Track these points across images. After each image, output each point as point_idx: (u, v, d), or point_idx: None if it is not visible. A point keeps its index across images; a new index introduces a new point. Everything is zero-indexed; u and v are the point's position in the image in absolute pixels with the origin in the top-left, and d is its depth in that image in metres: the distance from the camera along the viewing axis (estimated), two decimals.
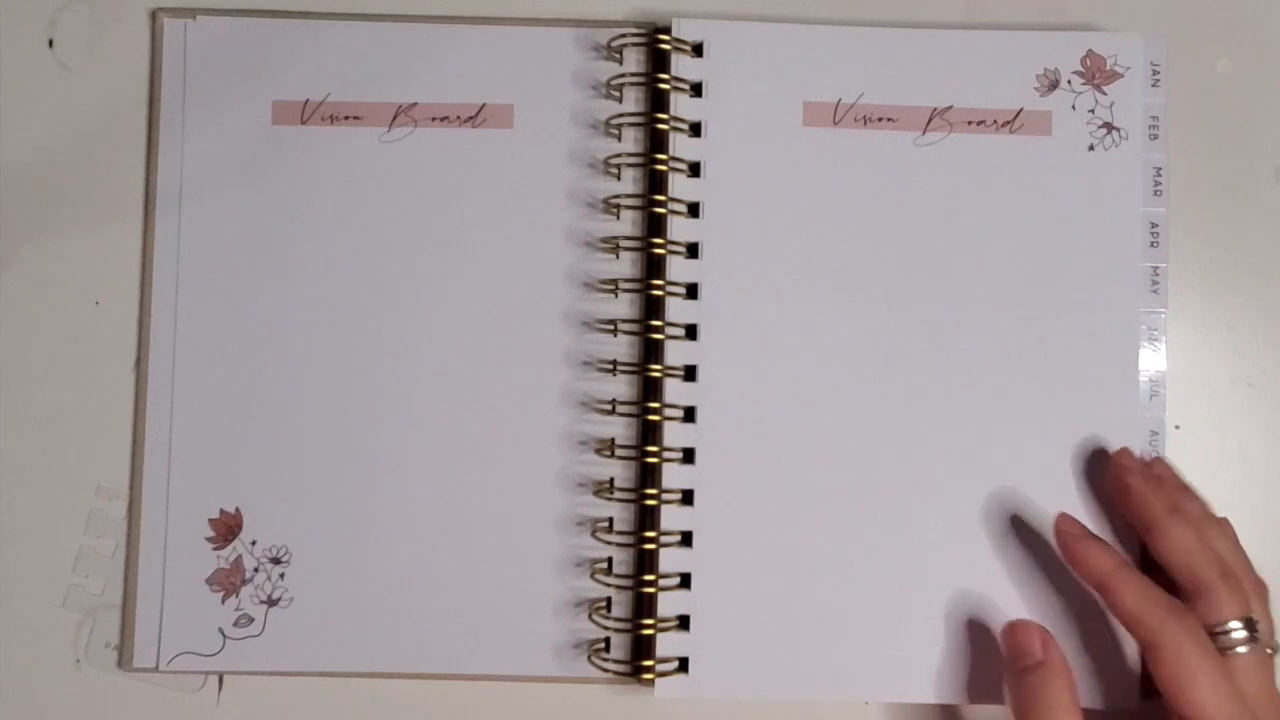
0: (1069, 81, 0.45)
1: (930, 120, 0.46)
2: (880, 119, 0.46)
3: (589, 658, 0.44)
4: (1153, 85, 0.46)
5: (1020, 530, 0.45)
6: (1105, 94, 0.45)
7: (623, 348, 0.46)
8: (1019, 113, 0.46)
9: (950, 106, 0.46)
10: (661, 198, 0.45)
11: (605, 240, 0.46)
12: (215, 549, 0.45)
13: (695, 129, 0.46)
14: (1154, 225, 0.46)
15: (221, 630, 0.45)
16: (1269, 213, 0.47)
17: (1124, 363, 0.45)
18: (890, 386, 0.45)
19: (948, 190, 0.46)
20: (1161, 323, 0.46)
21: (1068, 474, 0.45)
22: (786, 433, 0.45)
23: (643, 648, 0.44)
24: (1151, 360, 0.45)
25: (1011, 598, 0.44)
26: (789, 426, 0.45)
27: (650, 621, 0.44)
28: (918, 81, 0.46)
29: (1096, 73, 0.44)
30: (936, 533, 0.45)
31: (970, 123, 0.46)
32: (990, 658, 0.44)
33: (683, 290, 0.45)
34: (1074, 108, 0.46)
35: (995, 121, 0.46)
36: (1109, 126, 0.46)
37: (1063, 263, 0.45)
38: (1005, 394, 0.45)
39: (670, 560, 0.44)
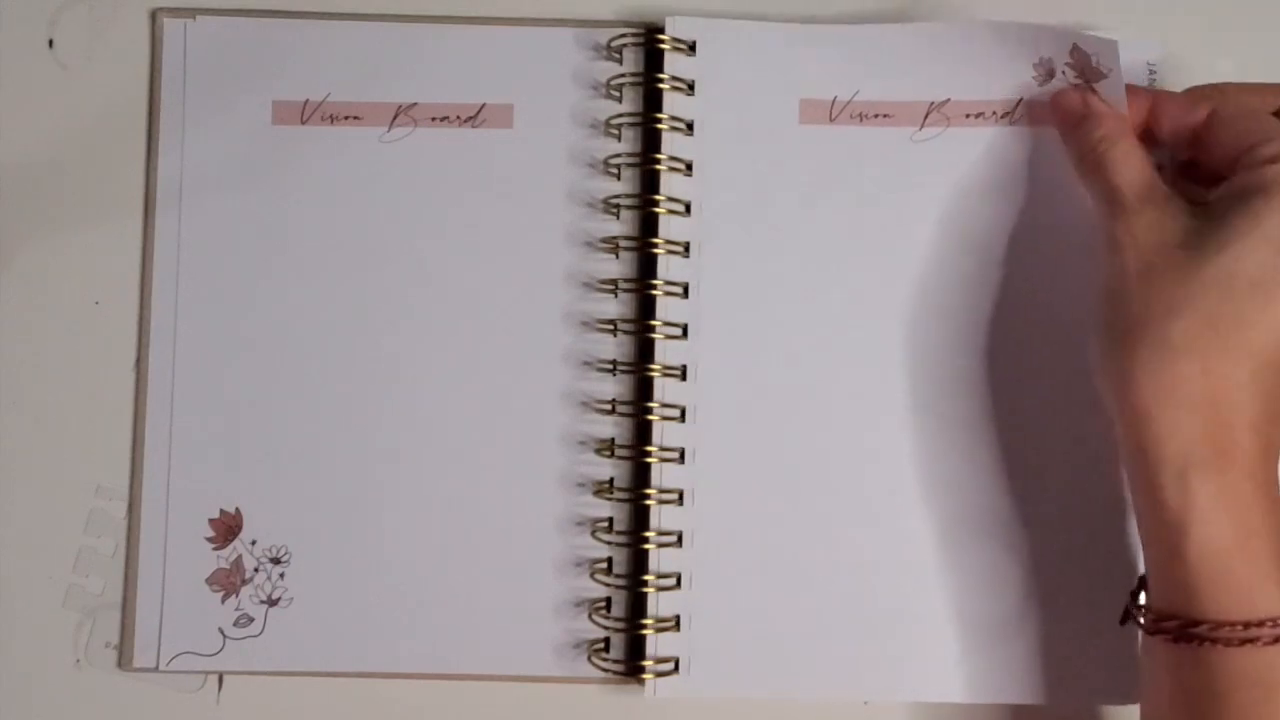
0: (1063, 72, 0.45)
1: (928, 115, 0.46)
2: (877, 115, 0.46)
3: (589, 657, 0.44)
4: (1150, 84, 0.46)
5: (1019, 529, 0.44)
6: (1098, 89, 0.44)
7: (622, 347, 0.46)
8: (1018, 104, 0.45)
9: (948, 100, 0.46)
10: (659, 197, 0.45)
11: (605, 240, 0.46)
12: (215, 549, 0.45)
13: (693, 128, 0.46)
14: None
15: (221, 630, 0.45)
16: None
17: None
18: (888, 384, 0.45)
19: (947, 185, 0.45)
20: None
21: (1067, 471, 0.45)
22: (783, 431, 0.45)
23: (643, 647, 0.44)
24: None
25: (1011, 595, 0.44)
26: (785, 425, 0.45)
27: (649, 621, 0.44)
28: (914, 76, 0.46)
29: (1084, 69, 0.44)
30: (934, 530, 0.44)
31: (968, 115, 0.46)
32: (990, 656, 0.44)
33: (680, 290, 0.45)
34: None
35: (994, 113, 0.45)
36: None
37: (1063, 260, 0.45)
38: (1004, 392, 0.45)
39: (669, 560, 0.44)
